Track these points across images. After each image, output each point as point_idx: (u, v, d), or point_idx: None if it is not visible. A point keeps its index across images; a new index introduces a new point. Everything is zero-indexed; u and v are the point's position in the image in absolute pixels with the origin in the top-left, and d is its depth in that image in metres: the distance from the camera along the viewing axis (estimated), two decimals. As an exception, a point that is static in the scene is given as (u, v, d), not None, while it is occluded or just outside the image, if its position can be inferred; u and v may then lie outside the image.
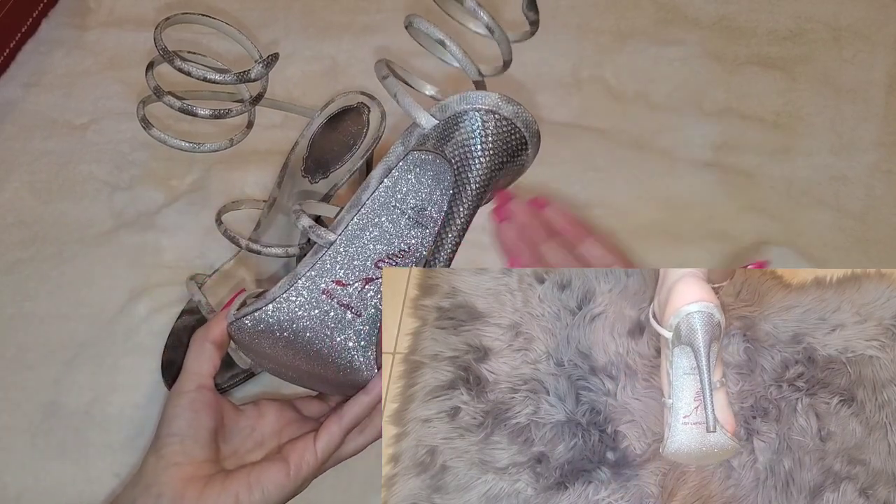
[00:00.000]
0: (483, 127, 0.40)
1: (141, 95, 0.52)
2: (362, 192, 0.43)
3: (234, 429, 0.47)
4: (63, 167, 0.70)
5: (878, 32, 0.80)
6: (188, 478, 0.43)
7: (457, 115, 0.40)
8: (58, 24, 0.79)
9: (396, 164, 0.42)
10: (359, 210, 0.42)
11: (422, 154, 0.41)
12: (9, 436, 0.58)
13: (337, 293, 0.42)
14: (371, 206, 0.42)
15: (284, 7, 0.81)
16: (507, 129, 0.40)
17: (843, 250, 0.67)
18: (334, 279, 0.42)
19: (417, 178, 0.42)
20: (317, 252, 0.43)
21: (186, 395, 0.45)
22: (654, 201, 0.69)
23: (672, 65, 0.78)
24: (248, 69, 0.47)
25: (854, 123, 0.74)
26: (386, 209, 0.42)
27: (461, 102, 0.40)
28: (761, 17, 0.81)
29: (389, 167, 0.42)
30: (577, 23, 0.80)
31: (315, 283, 0.42)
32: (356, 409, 0.47)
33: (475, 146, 0.40)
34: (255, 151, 0.70)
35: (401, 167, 0.42)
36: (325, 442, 0.46)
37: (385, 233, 0.42)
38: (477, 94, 0.40)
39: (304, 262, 0.43)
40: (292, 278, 0.42)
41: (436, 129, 0.41)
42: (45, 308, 0.63)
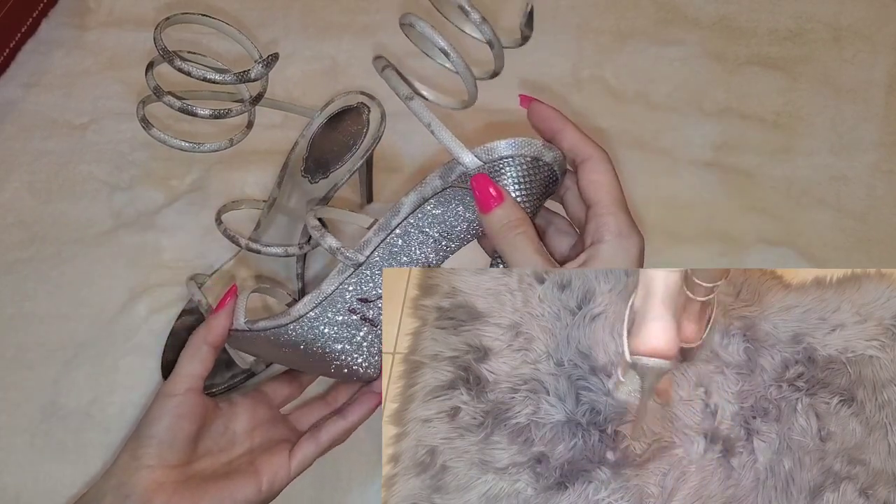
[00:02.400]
0: (528, 173, 0.42)
1: (141, 95, 0.51)
2: (392, 216, 0.44)
3: (210, 428, 0.47)
4: (63, 167, 0.70)
5: (878, 32, 0.80)
6: (159, 482, 0.43)
7: (503, 158, 0.41)
8: (57, 24, 0.79)
9: (432, 195, 0.43)
10: (389, 235, 0.44)
11: (461, 190, 0.43)
12: (8, 436, 0.58)
13: (361, 310, 0.44)
14: (399, 231, 0.44)
15: (284, 7, 0.81)
16: (547, 173, 0.42)
17: (843, 250, 0.67)
18: (359, 297, 0.44)
19: (453, 211, 0.43)
20: (343, 271, 0.44)
21: (174, 398, 0.45)
22: (654, 201, 0.69)
23: (672, 65, 0.78)
24: (248, 69, 0.46)
25: (854, 123, 0.74)
26: (415, 235, 0.44)
27: (508, 148, 0.41)
28: (762, 16, 0.81)
29: (424, 197, 0.43)
30: (577, 23, 0.80)
31: (342, 301, 0.44)
32: (334, 433, 0.48)
33: (521, 189, 0.42)
34: (255, 151, 0.70)
35: (437, 199, 0.43)
36: (299, 461, 0.48)
37: (411, 256, 0.44)
38: (523, 141, 0.42)
39: (330, 279, 0.44)
40: (317, 297, 0.44)
41: (479, 169, 0.42)
42: (45, 308, 0.63)
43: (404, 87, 0.43)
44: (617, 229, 0.40)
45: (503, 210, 0.40)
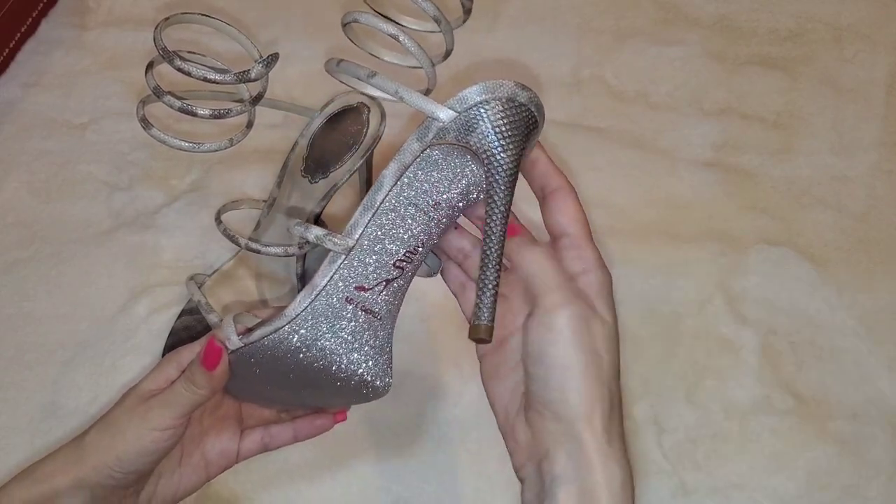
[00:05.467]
0: (505, 115, 0.40)
1: (140, 95, 0.51)
2: (375, 192, 0.41)
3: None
4: (62, 167, 0.70)
5: (878, 32, 0.80)
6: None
7: (477, 104, 0.40)
8: (57, 23, 0.79)
9: (412, 160, 0.41)
10: (375, 212, 0.41)
11: (442, 149, 0.41)
12: (8, 436, 0.58)
13: (359, 299, 0.41)
14: (387, 207, 0.41)
15: (284, 7, 0.81)
16: (525, 114, 0.41)
17: (843, 250, 0.67)
18: (356, 285, 0.41)
19: (438, 174, 0.41)
20: (334, 260, 0.41)
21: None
22: (654, 201, 0.69)
23: (672, 65, 0.78)
24: (248, 69, 0.46)
25: (855, 123, 0.74)
26: (403, 208, 0.41)
27: (480, 93, 0.40)
28: (762, 16, 0.81)
29: (405, 165, 0.41)
30: (577, 23, 0.80)
31: (336, 292, 0.41)
32: (282, 442, 0.47)
33: (500, 134, 0.40)
34: (255, 151, 0.70)
35: (418, 164, 0.41)
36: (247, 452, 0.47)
37: (404, 233, 0.41)
38: (494, 83, 0.40)
39: (322, 271, 0.41)
40: (310, 291, 0.41)
41: (455, 121, 0.41)
42: (44, 308, 0.63)
43: (363, 69, 0.43)
44: (595, 263, 0.39)
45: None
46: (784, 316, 0.63)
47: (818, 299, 0.64)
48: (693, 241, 0.67)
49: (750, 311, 0.63)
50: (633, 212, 0.68)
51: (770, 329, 0.62)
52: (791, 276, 0.65)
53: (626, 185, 0.70)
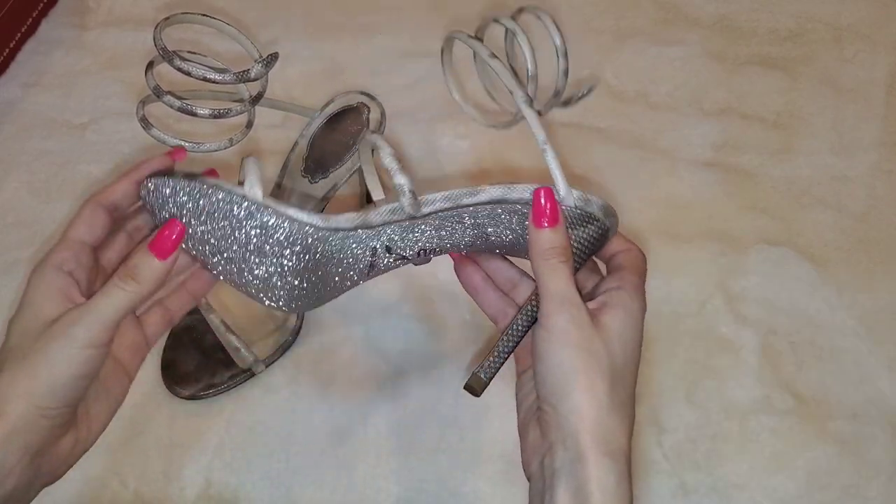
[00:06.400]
0: (599, 238, 0.43)
1: (140, 95, 0.51)
2: (468, 195, 0.42)
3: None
4: (62, 167, 0.70)
5: (878, 32, 0.80)
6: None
7: (590, 215, 0.42)
8: (57, 23, 0.79)
9: (513, 200, 0.42)
10: (451, 209, 0.42)
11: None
12: (8, 436, 0.58)
13: (378, 254, 0.43)
14: (462, 213, 0.43)
15: (284, 7, 0.81)
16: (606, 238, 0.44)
17: (843, 250, 0.67)
18: (388, 243, 0.43)
19: (518, 223, 0.43)
20: (395, 212, 0.42)
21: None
22: (654, 201, 0.69)
23: (672, 65, 0.78)
24: (247, 69, 0.46)
25: (855, 123, 0.74)
26: (470, 223, 0.43)
27: (600, 211, 0.42)
28: (762, 16, 0.81)
29: (505, 199, 0.42)
30: (577, 23, 0.80)
31: (376, 238, 0.42)
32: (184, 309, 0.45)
33: (586, 250, 0.43)
34: (255, 151, 0.70)
35: (512, 207, 0.42)
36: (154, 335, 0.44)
37: (452, 237, 0.44)
38: (609, 208, 0.43)
39: (380, 212, 0.42)
40: (357, 219, 0.42)
41: (566, 207, 0.42)
42: (45, 308, 0.63)
43: (484, 48, 0.45)
44: (635, 287, 0.41)
45: (554, 234, 0.40)
46: (784, 316, 0.63)
47: (818, 299, 0.64)
48: (693, 241, 0.67)
49: (750, 311, 0.63)
50: (633, 212, 0.68)
51: (770, 329, 0.62)
52: (791, 276, 0.65)
53: (627, 185, 0.70)
